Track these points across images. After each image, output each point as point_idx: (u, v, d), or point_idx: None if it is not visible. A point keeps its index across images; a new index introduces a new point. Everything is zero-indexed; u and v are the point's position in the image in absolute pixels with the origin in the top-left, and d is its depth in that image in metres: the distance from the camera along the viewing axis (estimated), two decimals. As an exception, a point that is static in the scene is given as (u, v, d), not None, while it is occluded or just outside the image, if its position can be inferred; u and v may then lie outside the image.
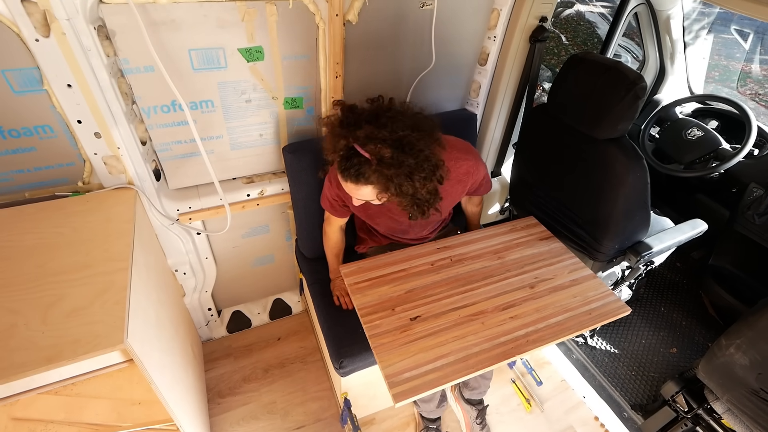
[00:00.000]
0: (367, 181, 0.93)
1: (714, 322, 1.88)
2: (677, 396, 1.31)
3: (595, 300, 1.12)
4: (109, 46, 1.00)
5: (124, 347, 0.77)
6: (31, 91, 0.96)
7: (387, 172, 0.91)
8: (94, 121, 1.03)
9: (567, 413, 1.58)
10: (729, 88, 4.04)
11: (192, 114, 1.16)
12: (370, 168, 0.90)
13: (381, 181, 0.93)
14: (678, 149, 1.71)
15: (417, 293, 1.10)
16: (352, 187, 0.96)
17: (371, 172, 0.91)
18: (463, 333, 1.01)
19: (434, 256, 1.21)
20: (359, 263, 1.18)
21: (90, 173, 1.12)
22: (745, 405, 1.08)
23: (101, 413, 1.02)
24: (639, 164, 1.18)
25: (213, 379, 1.59)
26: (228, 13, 1.06)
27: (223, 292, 1.69)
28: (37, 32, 0.88)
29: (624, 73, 1.12)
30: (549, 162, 1.42)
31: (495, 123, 1.62)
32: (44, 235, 0.98)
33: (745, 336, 1.02)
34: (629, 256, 1.38)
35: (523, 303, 1.09)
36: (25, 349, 0.75)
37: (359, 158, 0.91)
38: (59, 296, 0.84)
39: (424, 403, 1.38)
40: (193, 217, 1.34)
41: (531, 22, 1.38)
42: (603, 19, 5.05)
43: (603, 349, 1.76)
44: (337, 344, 1.22)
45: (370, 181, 0.93)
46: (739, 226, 1.64)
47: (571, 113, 1.27)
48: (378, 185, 0.94)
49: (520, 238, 1.30)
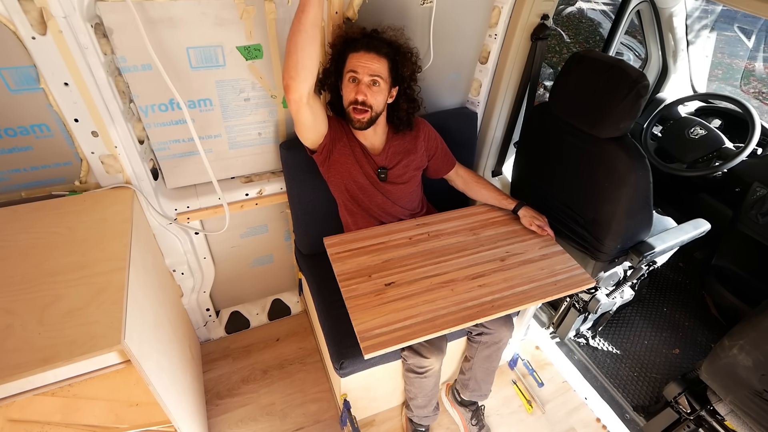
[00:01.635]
0: (386, 56, 1.13)
1: (717, 322, 1.88)
2: (680, 397, 1.31)
3: (562, 273, 1.18)
4: (107, 44, 1.00)
5: (121, 348, 0.76)
6: (28, 89, 0.95)
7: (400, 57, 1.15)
8: (92, 120, 1.03)
9: (568, 415, 1.58)
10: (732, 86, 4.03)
11: (190, 113, 1.16)
12: (391, 47, 1.14)
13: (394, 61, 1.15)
14: (681, 148, 1.71)
15: (393, 263, 1.17)
16: (373, 59, 1.11)
17: (390, 50, 1.14)
18: (433, 298, 1.08)
19: (413, 231, 1.28)
20: (342, 236, 1.25)
21: (87, 172, 1.12)
22: (749, 406, 1.08)
23: (98, 415, 1.02)
24: (641, 163, 1.18)
25: (211, 381, 1.59)
26: (226, 10, 1.05)
27: (221, 293, 1.68)
28: (34, 30, 0.87)
29: (626, 72, 1.12)
30: (550, 161, 1.41)
31: (496, 122, 1.61)
32: (41, 234, 0.97)
33: (748, 337, 1.02)
34: (631, 256, 1.38)
35: (492, 274, 1.16)
36: (21, 350, 0.74)
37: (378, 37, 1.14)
38: (56, 297, 0.83)
39: (418, 408, 1.37)
40: (191, 217, 1.33)
41: (532, 20, 1.37)
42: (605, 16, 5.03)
43: (605, 350, 1.75)
44: (338, 345, 1.22)
45: (388, 57, 1.13)
46: (743, 226, 1.63)
47: (573, 112, 1.26)
48: (391, 63, 1.14)
49: (496, 218, 1.36)
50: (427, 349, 1.20)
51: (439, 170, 1.39)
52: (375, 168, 1.25)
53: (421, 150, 1.31)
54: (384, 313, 1.03)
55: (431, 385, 1.30)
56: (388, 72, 1.14)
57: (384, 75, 1.13)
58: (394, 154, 1.27)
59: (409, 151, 1.28)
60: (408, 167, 1.28)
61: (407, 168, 1.28)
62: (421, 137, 1.30)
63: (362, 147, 1.24)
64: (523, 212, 1.32)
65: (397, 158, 1.27)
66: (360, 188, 1.26)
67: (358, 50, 1.11)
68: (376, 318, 1.02)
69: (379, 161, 1.26)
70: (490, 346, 1.32)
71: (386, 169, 1.26)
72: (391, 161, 1.27)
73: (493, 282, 1.13)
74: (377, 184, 1.26)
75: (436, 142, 1.34)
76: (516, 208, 1.33)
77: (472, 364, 1.37)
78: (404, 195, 1.30)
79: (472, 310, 1.06)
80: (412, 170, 1.30)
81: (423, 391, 1.30)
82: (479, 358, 1.35)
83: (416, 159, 1.29)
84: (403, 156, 1.28)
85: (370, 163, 1.25)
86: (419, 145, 1.30)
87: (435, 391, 1.34)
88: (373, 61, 1.11)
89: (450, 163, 1.39)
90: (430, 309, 1.05)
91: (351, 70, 1.12)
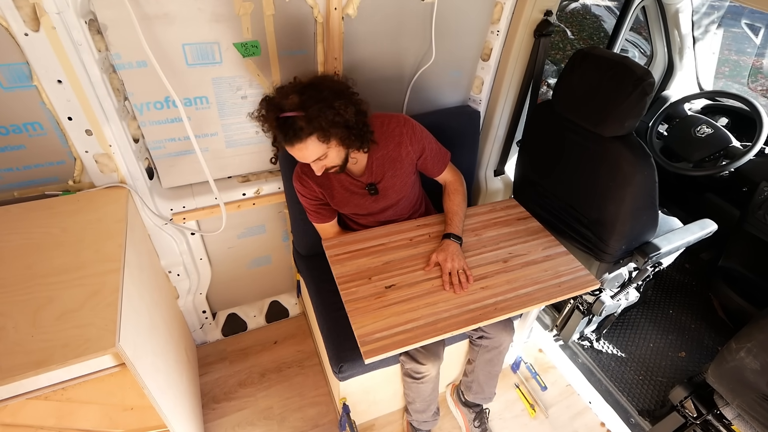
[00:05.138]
0: (307, 134, 0.99)
1: (724, 325, 1.86)
2: (686, 401, 1.30)
3: (566, 274, 1.16)
4: (101, 41, 0.99)
5: (115, 351, 0.76)
6: (20, 87, 0.94)
7: (314, 112, 0.98)
8: (85, 118, 1.02)
9: (572, 419, 1.56)
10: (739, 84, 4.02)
11: (186, 111, 1.15)
12: (301, 119, 0.98)
13: (315, 126, 0.99)
14: (687, 147, 1.69)
15: (394, 265, 1.15)
16: (301, 149, 1.01)
17: (305, 123, 0.98)
18: (435, 300, 1.06)
19: (413, 232, 1.26)
20: (340, 237, 1.24)
21: (81, 172, 1.11)
22: (756, 411, 1.07)
23: (92, 419, 1.01)
24: (647, 162, 1.17)
25: (207, 384, 1.57)
26: (223, 6, 1.04)
27: (218, 294, 1.67)
28: (27, 26, 0.86)
29: (631, 69, 1.10)
30: (554, 160, 1.39)
31: (498, 120, 1.60)
32: (33, 235, 0.96)
33: (756, 339, 1.01)
34: (636, 258, 1.36)
35: (495, 275, 1.14)
36: (13, 353, 0.74)
37: (287, 120, 0.99)
38: (49, 298, 0.83)
39: (417, 413, 1.35)
40: (187, 217, 1.32)
41: (535, 16, 1.36)
42: (609, 12, 5.00)
43: (609, 353, 1.74)
44: (337, 348, 1.21)
45: (308, 131, 0.99)
46: (750, 227, 1.61)
47: (577, 110, 1.25)
48: (316, 132, 1.00)
49: (498, 218, 1.34)
50: (423, 355, 1.18)
51: (427, 171, 1.28)
52: (363, 187, 1.21)
53: (406, 155, 1.20)
54: (385, 316, 1.02)
55: (429, 391, 1.28)
56: (320, 141, 1.01)
57: (321, 150, 1.02)
58: (378, 168, 1.19)
59: (394, 159, 1.19)
60: (396, 177, 1.21)
61: (395, 178, 1.21)
62: (405, 142, 1.18)
63: (348, 173, 1.20)
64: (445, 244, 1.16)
65: (382, 171, 1.20)
66: (359, 207, 1.25)
67: (285, 144, 1.02)
68: (377, 321, 1.01)
69: (365, 180, 1.20)
70: (491, 350, 1.30)
71: (374, 185, 1.21)
72: (377, 176, 1.20)
73: (496, 284, 1.11)
74: (371, 199, 1.24)
75: (422, 142, 1.20)
76: (445, 236, 1.19)
77: (475, 367, 1.35)
78: (401, 200, 1.27)
79: (475, 312, 1.04)
80: (401, 178, 1.22)
81: (421, 396, 1.29)
82: (481, 362, 1.33)
83: (403, 166, 1.21)
84: (388, 167, 1.19)
85: (357, 185, 1.21)
86: (403, 151, 1.18)
87: (434, 396, 1.32)
88: (302, 150, 1.01)
89: (439, 166, 1.27)
90: (431, 312, 1.03)
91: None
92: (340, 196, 1.22)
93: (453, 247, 1.16)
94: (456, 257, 1.13)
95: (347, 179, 1.20)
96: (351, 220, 1.33)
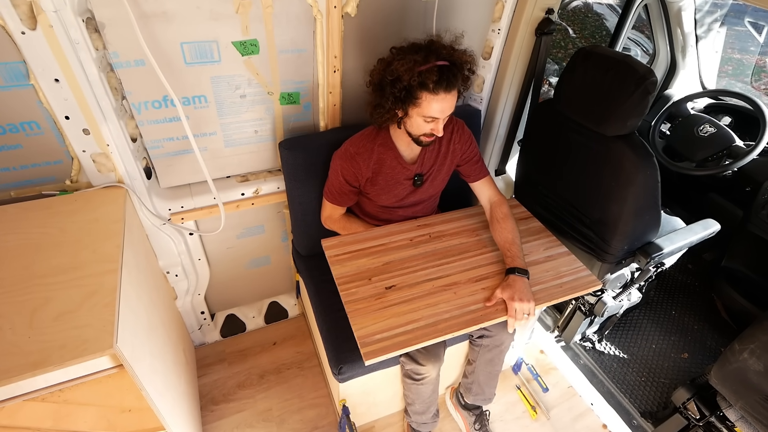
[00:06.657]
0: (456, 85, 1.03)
1: (727, 326, 1.85)
2: (689, 403, 1.30)
3: (567, 275, 1.16)
4: (99, 39, 0.98)
5: (113, 352, 0.76)
6: (17, 86, 0.94)
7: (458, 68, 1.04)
8: (83, 117, 1.01)
9: (574, 421, 1.55)
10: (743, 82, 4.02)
11: (184, 110, 1.14)
12: (457, 69, 1.03)
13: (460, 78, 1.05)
14: (690, 146, 1.68)
15: (394, 265, 1.15)
16: (449, 99, 1.03)
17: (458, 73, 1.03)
18: (435, 301, 1.06)
19: (413, 232, 1.26)
20: (340, 237, 1.23)
21: (78, 171, 1.11)
22: (759, 412, 1.06)
23: (90, 421, 1.00)
24: (649, 162, 1.16)
25: (206, 386, 1.57)
26: (222, 4, 1.04)
27: (216, 295, 1.67)
28: (23, 24, 0.86)
29: (633, 68, 1.10)
30: (555, 160, 1.39)
31: (499, 119, 1.59)
32: (30, 235, 0.96)
33: (759, 341, 1.01)
34: (639, 258, 1.35)
35: (496, 276, 1.14)
36: (10, 354, 0.73)
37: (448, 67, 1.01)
38: (46, 299, 0.82)
39: (416, 415, 1.35)
40: (185, 217, 1.31)
41: (537, 14, 1.35)
42: (612, 11, 4.98)
43: (612, 354, 1.73)
44: (336, 349, 1.20)
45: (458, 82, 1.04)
46: (753, 227, 1.60)
47: (579, 109, 1.24)
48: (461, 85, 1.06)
49: None
50: (423, 356, 1.18)
51: (468, 174, 1.28)
52: (411, 176, 1.22)
53: (452, 153, 1.24)
54: (385, 317, 1.01)
55: (429, 392, 1.28)
56: (457, 96, 1.06)
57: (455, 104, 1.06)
58: (428, 160, 1.22)
59: (444, 154, 1.23)
60: (440, 172, 1.25)
61: (439, 173, 1.25)
62: (455, 139, 1.22)
63: (396, 156, 1.19)
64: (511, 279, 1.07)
65: (430, 163, 1.23)
66: (396, 196, 1.24)
67: (437, 92, 1.00)
68: (377, 322, 1.00)
69: (415, 169, 1.22)
70: (491, 349, 1.29)
71: (422, 175, 1.23)
72: (426, 167, 1.23)
73: (497, 285, 1.10)
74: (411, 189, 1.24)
75: (469, 142, 1.24)
76: (509, 270, 1.10)
77: (475, 368, 1.35)
78: (433, 197, 1.30)
79: (476, 313, 1.04)
80: (443, 175, 1.27)
81: (420, 397, 1.28)
82: (482, 362, 1.33)
83: (447, 162, 1.24)
84: (436, 160, 1.23)
85: (406, 174, 1.21)
86: (451, 147, 1.23)
87: (433, 398, 1.32)
88: (452, 101, 1.04)
89: (482, 172, 1.28)
90: (432, 313, 1.03)
91: (431, 116, 1.04)
92: (384, 182, 1.21)
93: (520, 283, 1.05)
94: (524, 295, 1.03)
95: (399, 166, 1.20)
96: (365, 213, 1.32)
